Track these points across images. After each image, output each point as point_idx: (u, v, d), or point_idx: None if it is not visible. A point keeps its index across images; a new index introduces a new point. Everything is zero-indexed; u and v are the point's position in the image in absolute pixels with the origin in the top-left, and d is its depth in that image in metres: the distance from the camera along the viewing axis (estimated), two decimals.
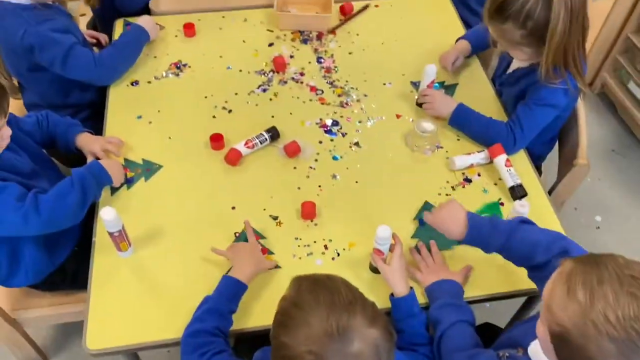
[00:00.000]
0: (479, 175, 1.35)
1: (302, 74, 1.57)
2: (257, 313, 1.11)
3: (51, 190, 1.16)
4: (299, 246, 1.21)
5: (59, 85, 1.50)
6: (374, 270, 1.16)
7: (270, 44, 1.65)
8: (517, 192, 1.29)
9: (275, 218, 1.26)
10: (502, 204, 1.30)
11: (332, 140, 1.42)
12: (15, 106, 1.66)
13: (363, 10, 1.75)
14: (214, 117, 1.46)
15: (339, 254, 1.20)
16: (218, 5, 1.74)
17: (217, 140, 1.37)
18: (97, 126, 1.45)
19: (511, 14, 1.24)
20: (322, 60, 1.61)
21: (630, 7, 2.10)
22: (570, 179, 1.41)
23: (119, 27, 1.67)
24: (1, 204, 1.11)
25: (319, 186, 1.32)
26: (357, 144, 1.42)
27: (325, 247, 1.21)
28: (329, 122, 1.46)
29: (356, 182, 1.34)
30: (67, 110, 1.55)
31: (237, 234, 1.23)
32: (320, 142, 1.42)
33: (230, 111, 1.48)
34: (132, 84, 1.52)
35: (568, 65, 1.29)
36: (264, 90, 1.53)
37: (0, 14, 1.37)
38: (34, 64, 1.43)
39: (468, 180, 1.34)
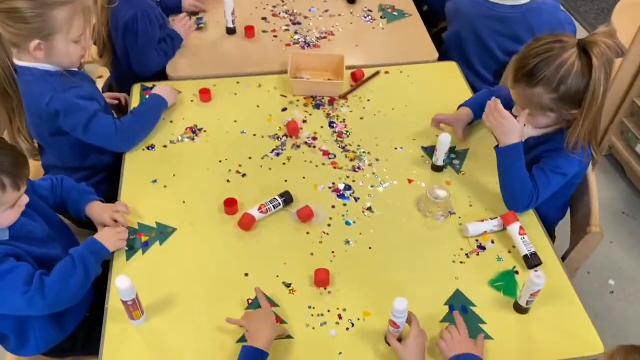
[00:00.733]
0: (492, 242, 1.35)
1: (314, 138, 1.60)
2: None
3: (54, 273, 1.16)
4: (312, 315, 1.20)
5: (78, 148, 1.53)
6: None
7: (284, 109, 1.69)
8: (532, 261, 1.28)
9: (288, 285, 1.25)
10: (516, 272, 1.29)
11: (344, 204, 1.43)
12: (33, 167, 1.69)
13: (374, 76, 1.80)
14: (227, 181, 1.48)
15: (353, 324, 1.18)
16: (233, 71, 1.79)
17: (230, 204, 1.38)
18: (112, 189, 1.47)
19: (543, 78, 1.24)
20: (334, 125, 1.64)
21: (634, 71, 2.15)
22: (584, 246, 1.41)
23: (136, 92, 1.71)
24: (9, 286, 1.10)
25: (332, 252, 1.32)
26: (369, 208, 1.42)
27: (339, 316, 1.20)
28: (341, 186, 1.48)
29: (369, 247, 1.34)
30: (83, 172, 1.57)
31: (249, 301, 1.22)
32: (333, 206, 1.43)
33: (244, 175, 1.49)
34: (147, 148, 1.55)
35: (596, 131, 1.31)
36: (278, 155, 1.55)
37: (27, 79, 1.40)
38: (57, 128, 1.46)
39: (482, 248, 1.34)
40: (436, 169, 1.51)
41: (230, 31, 1.92)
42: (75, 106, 1.43)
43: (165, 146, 1.56)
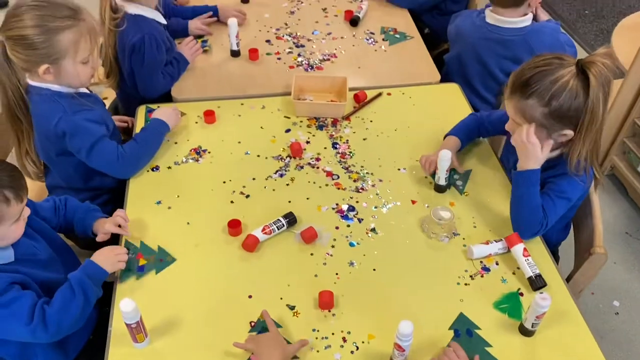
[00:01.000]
0: (496, 264, 1.35)
1: (318, 159, 1.61)
2: None
3: (55, 302, 1.16)
4: (316, 338, 1.19)
5: (83, 169, 1.53)
6: None
7: (287, 130, 1.70)
8: (537, 283, 1.28)
9: (292, 308, 1.25)
10: (521, 294, 1.29)
11: (348, 226, 1.43)
12: (37, 187, 1.70)
13: (376, 97, 1.82)
14: (232, 202, 1.48)
15: (357, 348, 1.18)
16: (237, 93, 1.81)
17: (234, 226, 1.39)
18: (116, 210, 1.47)
19: (537, 90, 1.25)
20: (338, 146, 1.65)
21: (635, 92, 2.16)
22: (588, 267, 1.40)
23: (141, 114, 1.72)
24: (13, 316, 1.11)
25: (336, 274, 1.32)
26: (373, 230, 1.42)
27: (344, 339, 1.19)
28: (345, 207, 1.48)
29: (374, 269, 1.33)
30: (87, 193, 1.58)
31: (252, 324, 1.22)
32: (337, 227, 1.43)
33: (247, 196, 1.50)
34: (152, 169, 1.55)
35: (596, 151, 1.31)
36: (281, 176, 1.56)
37: (38, 100, 1.43)
38: (63, 148, 1.48)
39: (486, 269, 1.34)
40: (439, 189, 1.51)
41: (235, 54, 1.94)
42: (82, 129, 1.44)
43: (169, 167, 1.57)
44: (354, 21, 2.10)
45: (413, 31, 2.12)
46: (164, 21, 1.81)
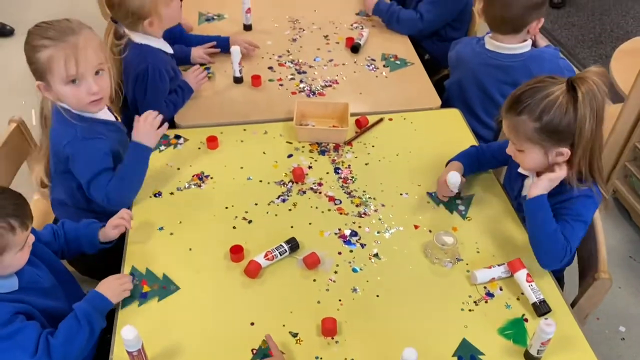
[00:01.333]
0: (500, 289, 1.34)
1: (320, 184, 1.61)
2: None
3: (60, 333, 1.15)
4: None
5: (84, 191, 1.54)
6: None
7: (290, 155, 1.70)
8: (541, 309, 1.27)
9: (295, 335, 1.24)
10: (526, 320, 1.28)
11: (351, 251, 1.43)
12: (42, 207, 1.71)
13: (377, 123, 1.83)
14: (234, 227, 1.48)
15: None
16: (240, 119, 1.82)
17: (236, 252, 1.38)
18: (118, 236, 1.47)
19: (528, 106, 1.28)
20: (340, 171, 1.66)
21: (635, 116, 2.17)
22: (593, 293, 1.39)
23: None
24: (17, 347, 1.10)
25: (339, 300, 1.31)
26: (376, 255, 1.42)
27: None
28: (347, 232, 1.48)
29: (377, 295, 1.32)
30: (90, 214, 1.56)
31: (254, 351, 1.20)
32: (340, 253, 1.42)
33: (250, 222, 1.50)
34: (155, 195, 1.56)
35: (594, 170, 1.33)
36: (284, 201, 1.56)
37: (57, 118, 1.46)
38: (68, 169, 1.49)
39: (490, 295, 1.33)
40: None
41: (238, 80, 1.96)
42: (85, 158, 1.45)
43: (172, 193, 1.57)
44: (355, 48, 2.13)
45: (413, 57, 2.14)
46: (170, 50, 1.83)
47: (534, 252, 1.37)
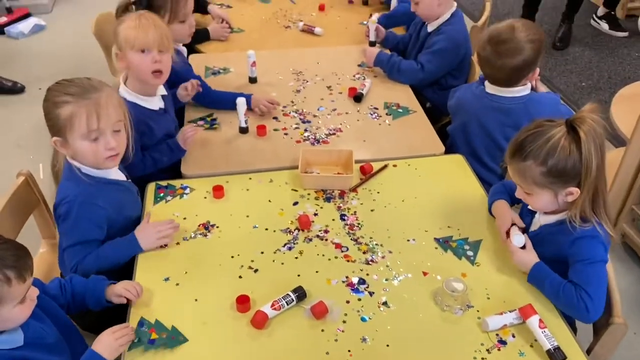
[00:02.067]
0: (513, 336, 1.31)
1: (326, 231, 1.61)
2: None
3: None
4: None
5: None
6: None
7: (295, 203, 1.71)
8: (556, 357, 1.23)
9: None
10: None
11: (359, 299, 1.40)
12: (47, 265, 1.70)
13: (382, 169, 1.84)
14: (240, 277, 1.46)
15: None
16: (246, 168, 1.84)
17: (243, 302, 1.36)
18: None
19: (532, 151, 1.30)
20: (346, 218, 1.66)
21: (639, 159, 2.18)
22: (608, 339, 1.36)
23: (150, 192, 1.74)
24: None
25: (349, 351, 1.28)
26: (385, 303, 1.39)
27: None
28: (355, 280, 1.46)
29: (387, 345, 1.29)
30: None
31: None
32: (348, 301, 1.40)
33: (256, 271, 1.48)
34: (160, 246, 1.55)
35: (598, 208, 1.33)
36: (290, 249, 1.55)
37: (67, 174, 1.48)
38: None
39: (503, 342, 1.29)
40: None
41: (243, 131, 1.99)
42: (75, 223, 1.44)
43: (178, 243, 1.56)
44: (357, 98, 2.17)
45: (415, 105, 2.18)
46: (155, 107, 1.81)
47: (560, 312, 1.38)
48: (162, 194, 1.72)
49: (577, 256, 1.35)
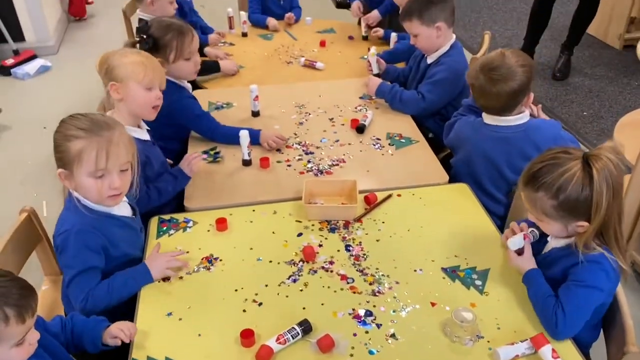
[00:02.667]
0: None
1: (331, 263, 1.58)
2: None
3: None
4: None
5: None
6: None
7: (299, 234, 1.69)
8: None
9: None
10: None
11: (367, 332, 1.37)
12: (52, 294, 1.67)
13: (387, 199, 1.83)
14: (244, 311, 1.44)
15: None
16: (249, 200, 1.83)
17: (247, 336, 1.33)
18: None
19: (544, 183, 1.30)
20: (351, 248, 1.63)
21: None
22: None
23: (153, 226, 1.73)
24: None
25: None
26: (393, 335, 1.36)
27: None
28: (362, 312, 1.43)
29: None
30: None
31: None
32: (355, 334, 1.36)
33: (260, 304, 1.45)
34: (163, 280, 1.53)
35: (609, 240, 1.32)
36: (294, 281, 1.52)
37: (68, 205, 1.47)
38: None
39: None
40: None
41: (246, 163, 1.99)
42: (73, 253, 1.43)
43: (181, 278, 1.54)
44: (360, 129, 2.18)
45: (417, 135, 2.18)
46: (146, 138, 1.80)
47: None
48: (165, 228, 1.71)
49: (573, 276, 1.35)
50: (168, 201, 1.83)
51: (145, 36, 1.95)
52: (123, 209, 1.56)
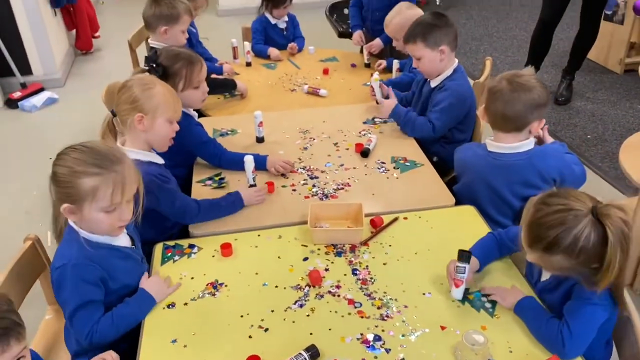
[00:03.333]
0: None
1: (338, 287, 1.56)
2: None
3: None
4: None
5: None
6: None
7: (305, 259, 1.67)
8: None
9: None
10: None
11: (375, 357, 1.34)
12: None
13: (393, 222, 1.81)
14: (250, 337, 1.41)
15: None
16: (254, 225, 1.82)
17: None
18: (130, 351, 1.40)
19: (563, 249, 1.27)
20: (358, 272, 1.61)
21: None
22: None
23: (158, 252, 1.71)
24: None
25: None
26: None
27: None
28: (370, 337, 1.39)
29: None
30: (98, 351, 1.50)
31: None
32: (364, 359, 1.33)
33: (266, 330, 1.43)
34: (168, 307, 1.51)
35: (615, 285, 1.30)
36: (301, 306, 1.50)
37: (67, 237, 1.45)
38: None
39: None
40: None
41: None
42: (71, 287, 1.40)
43: (186, 304, 1.52)
44: (364, 153, 2.17)
45: (422, 159, 2.17)
46: (161, 161, 1.81)
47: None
48: (169, 254, 1.70)
49: (577, 294, 1.33)
50: (172, 226, 1.82)
51: (154, 65, 1.97)
52: (123, 240, 1.53)
